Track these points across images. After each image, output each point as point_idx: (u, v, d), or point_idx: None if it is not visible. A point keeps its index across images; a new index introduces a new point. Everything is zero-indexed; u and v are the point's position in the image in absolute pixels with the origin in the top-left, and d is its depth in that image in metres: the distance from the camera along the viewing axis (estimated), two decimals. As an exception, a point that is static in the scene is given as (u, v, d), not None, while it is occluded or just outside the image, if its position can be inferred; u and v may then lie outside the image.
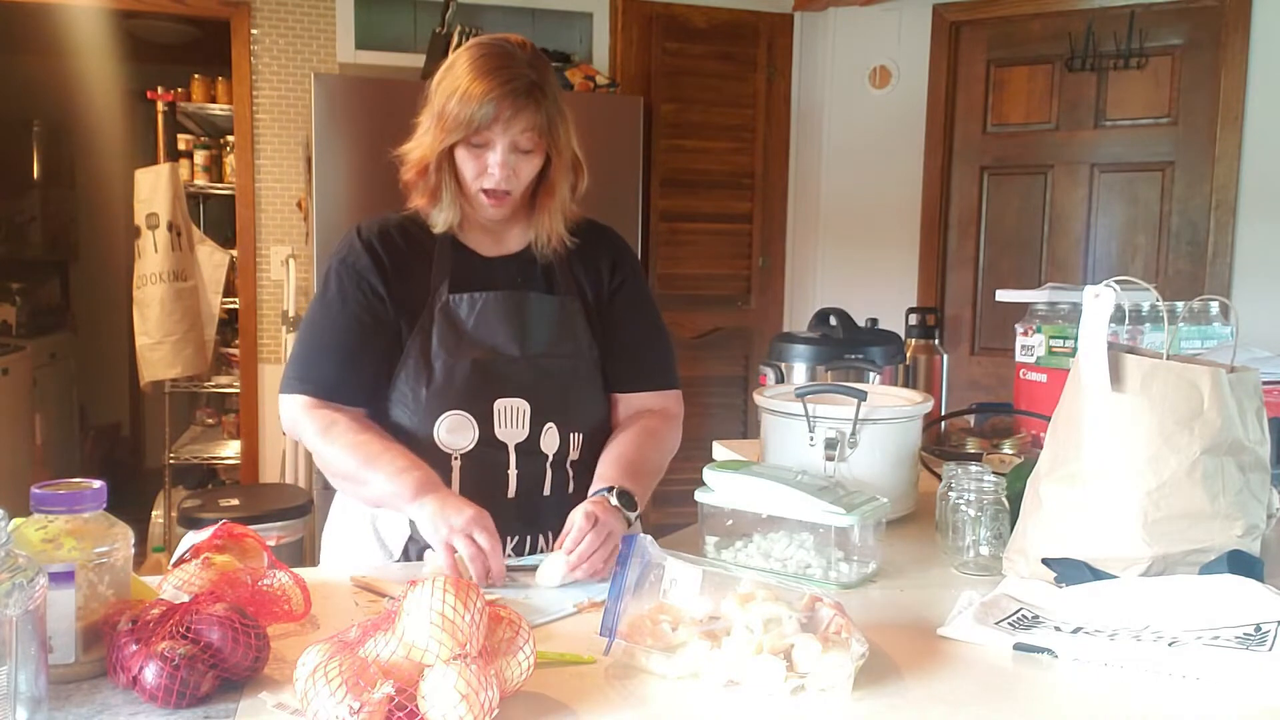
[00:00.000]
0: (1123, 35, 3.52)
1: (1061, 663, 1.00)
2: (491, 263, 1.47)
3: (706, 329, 3.98)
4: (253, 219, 3.78)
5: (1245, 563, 1.10)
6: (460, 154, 1.38)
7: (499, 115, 1.34)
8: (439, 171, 1.39)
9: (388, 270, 1.42)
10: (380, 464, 1.31)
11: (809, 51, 4.04)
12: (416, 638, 0.83)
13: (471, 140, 1.36)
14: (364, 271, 1.41)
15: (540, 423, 1.41)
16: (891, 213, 3.92)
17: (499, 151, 1.36)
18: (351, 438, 1.35)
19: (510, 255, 1.48)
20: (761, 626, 0.95)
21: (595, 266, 1.52)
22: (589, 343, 1.48)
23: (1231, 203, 3.42)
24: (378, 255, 1.42)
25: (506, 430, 1.40)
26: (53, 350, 4.95)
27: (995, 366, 3.67)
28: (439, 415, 1.38)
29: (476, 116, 1.33)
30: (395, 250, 1.43)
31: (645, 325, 1.55)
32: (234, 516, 2.33)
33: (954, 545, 1.32)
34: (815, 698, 0.91)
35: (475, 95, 1.33)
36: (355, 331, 1.40)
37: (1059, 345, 1.82)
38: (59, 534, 0.90)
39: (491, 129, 1.35)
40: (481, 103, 1.33)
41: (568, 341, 1.46)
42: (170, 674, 0.85)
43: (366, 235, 1.44)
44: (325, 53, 3.74)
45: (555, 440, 1.42)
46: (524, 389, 1.41)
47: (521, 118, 1.35)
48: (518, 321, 1.43)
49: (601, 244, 1.55)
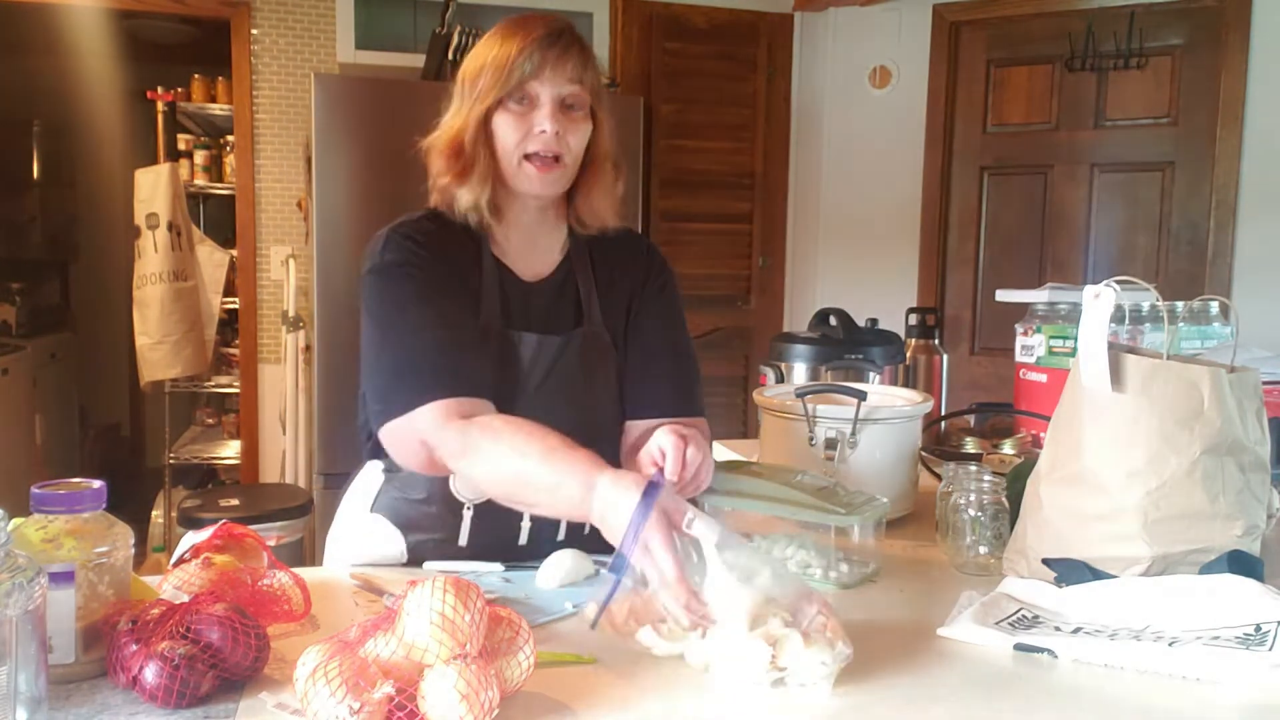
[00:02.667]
0: (1123, 35, 3.52)
1: (1061, 663, 1.00)
2: (531, 289, 1.33)
3: (706, 329, 3.98)
4: (253, 219, 3.78)
5: (1245, 563, 1.09)
6: (500, 120, 1.24)
7: (544, 61, 1.22)
8: (474, 144, 1.25)
9: (451, 272, 1.27)
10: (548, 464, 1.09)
11: (809, 51, 4.04)
12: (416, 638, 0.83)
13: (513, 99, 1.23)
14: (430, 269, 1.24)
15: None
16: (891, 213, 3.92)
17: (546, 105, 1.23)
18: (507, 440, 1.13)
19: (546, 279, 1.35)
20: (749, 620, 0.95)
21: (625, 286, 1.39)
22: (612, 383, 1.35)
23: (1231, 203, 3.42)
24: (436, 255, 1.26)
25: None
26: (53, 350, 4.95)
27: (995, 366, 3.67)
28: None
29: (519, 66, 1.21)
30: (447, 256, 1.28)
31: (671, 349, 1.39)
32: (234, 516, 2.33)
33: (954, 545, 1.32)
34: (795, 691, 0.92)
35: (515, 46, 1.22)
36: (451, 325, 1.22)
37: (1059, 345, 1.82)
38: (59, 534, 0.90)
39: (538, 78, 1.22)
40: (523, 50, 1.21)
41: (590, 385, 1.32)
42: (170, 674, 0.85)
43: (413, 235, 1.27)
44: (325, 53, 3.74)
45: None
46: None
47: (567, 64, 1.23)
48: (554, 362, 1.29)
49: (632, 258, 1.41)
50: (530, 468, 1.10)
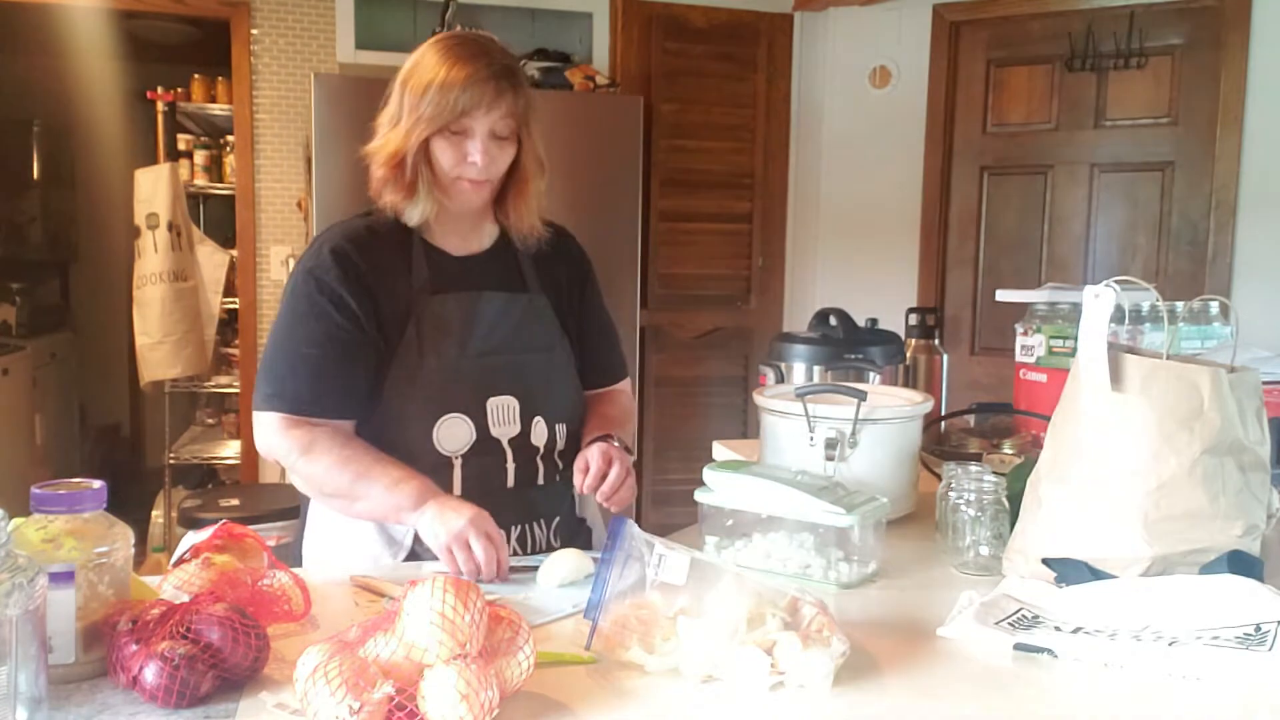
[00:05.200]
0: (1123, 35, 3.52)
1: (1061, 663, 1.00)
2: (464, 262, 1.47)
3: (706, 329, 3.98)
4: (253, 219, 3.78)
5: (1245, 563, 1.10)
6: (438, 144, 1.37)
7: (480, 100, 1.34)
8: (415, 164, 1.38)
9: (363, 278, 1.39)
10: (374, 477, 1.31)
11: (809, 51, 4.04)
12: (416, 638, 0.83)
13: (451, 129, 1.36)
14: (334, 282, 1.37)
15: (529, 417, 1.44)
16: (891, 213, 3.92)
17: (479, 139, 1.37)
18: (337, 453, 1.33)
19: (481, 254, 1.50)
20: (745, 623, 0.95)
21: (562, 268, 1.56)
22: (561, 340, 1.51)
23: (1231, 203, 3.42)
24: (350, 264, 1.38)
25: (500, 428, 1.42)
26: (53, 350, 4.95)
27: (995, 366, 3.67)
28: (436, 420, 1.38)
29: (459, 103, 1.33)
30: (369, 257, 1.40)
31: (604, 325, 1.62)
32: (234, 516, 2.33)
33: (954, 545, 1.32)
34: (794, 694, 0.92)
35: (456, 82, 1.34)
36: (329, 343, 1.36)
37: (1059, 345, 1.82)
38: (59, 534, 0.90)
39: (473, 115, 1.35)
40: (464, 88, 1.33)
41: (542, 338, 1.49)
42: (170, 674, 0.85)
43: (335, 244, 1.40)
44: (325, 53, 3.74)
45: (544, 433, 1.46)
46: (512, 386, 1.43)
47: (502, 103, 1.36)
48: (496, 320, 1.44)
49: (564, 245, 1.58)
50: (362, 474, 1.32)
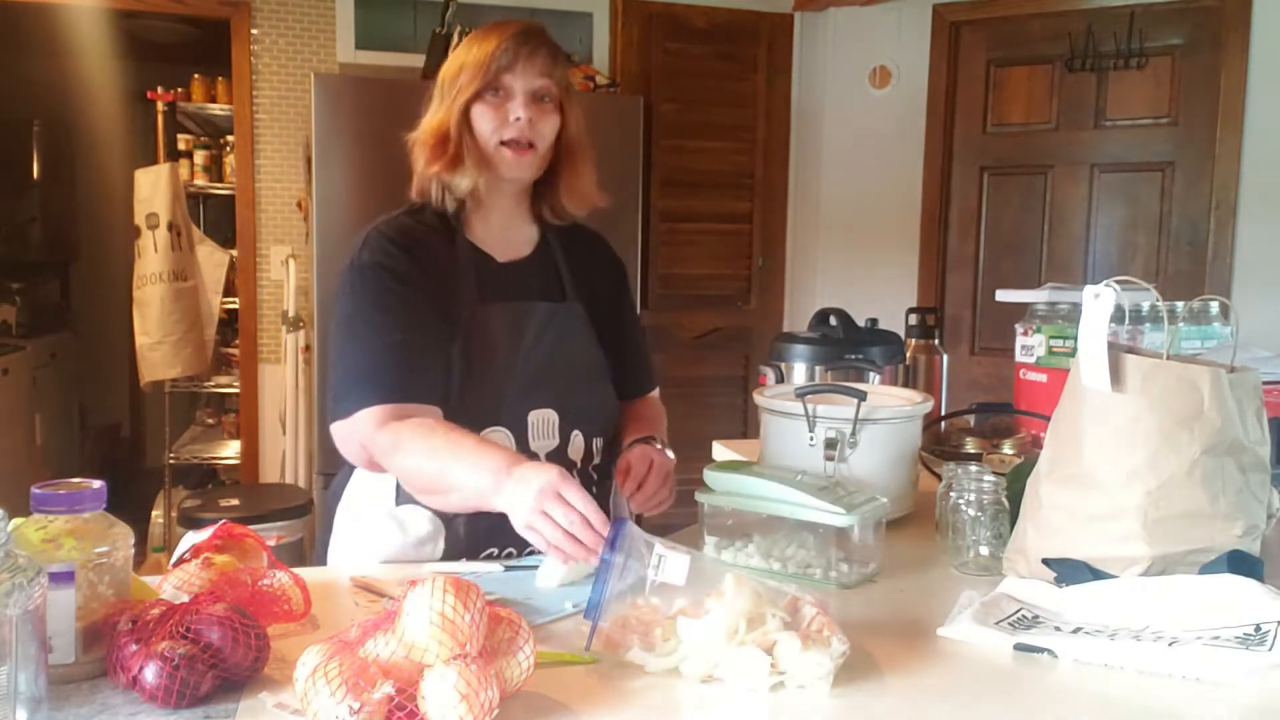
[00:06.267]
0: (1123, 35, 3.52)
1: (1061, 663, 1.00)
2: (508, 270, 1.44)
3: (706, 329, 3.98)
4: (253, 219, 3.78)
5: (1245, 563, 1.09)
6: (478, 111, 1.37)
7: (516, 56, 1.35)
8: (459, 133, 1.36)
9: (427, 270, 1.36)
10: (458, 461, 1.18)
11: (809, 51, 4.04)
12: (416, 638, 0.83)
13: (489, 91, 1.36)
14: (405, 270, 1.34)
15: (567, 431, 1.40)
16: (891, 213, 3.92)
17: (519, 97, 1.36)
18: (420, 443, 1.23)
19: (523, 260, 1.47)
20: (745, 624, 0.95)
21: (598, 275, 1.54)
22: (598, 351, 1.48)
23: (1231, 203, 3.42)
24: (416, 254, 1.36)
25: (539, 441, 1.38)
26: (53, 350, 4.95)
27: (995, 366, 3.67)
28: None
29: (494, 61, 1.34)
30: (426, 252, 1.37)
31: (637, 334, 1.61)
32: (234, 516, 2.33)
33: (954, 545, 1.32)
34: (794, 694, 0.92)
35: (490, 43, 1.35)
36: (413, 329, 1.31)
37: (1059, 345, 1.82)
38: (59, 534, 0.90)
39: (511, 72, 1.35)
40: (498, 46, 1.34)
41: (582, 348, 1.46)
42: (170, 674, 0.85)
43: (394, 237, 1.37)
44: (325, 53, 3.74)
45: (581, 446, 1.42)
46: (552, 399, 1.39)
47: (538, 60, 1.36)
48: (539, 331, 1.40)
49: (601, 252, 1.58)
50: (447, 464, 1.20)
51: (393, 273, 1.34)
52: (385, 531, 1.37)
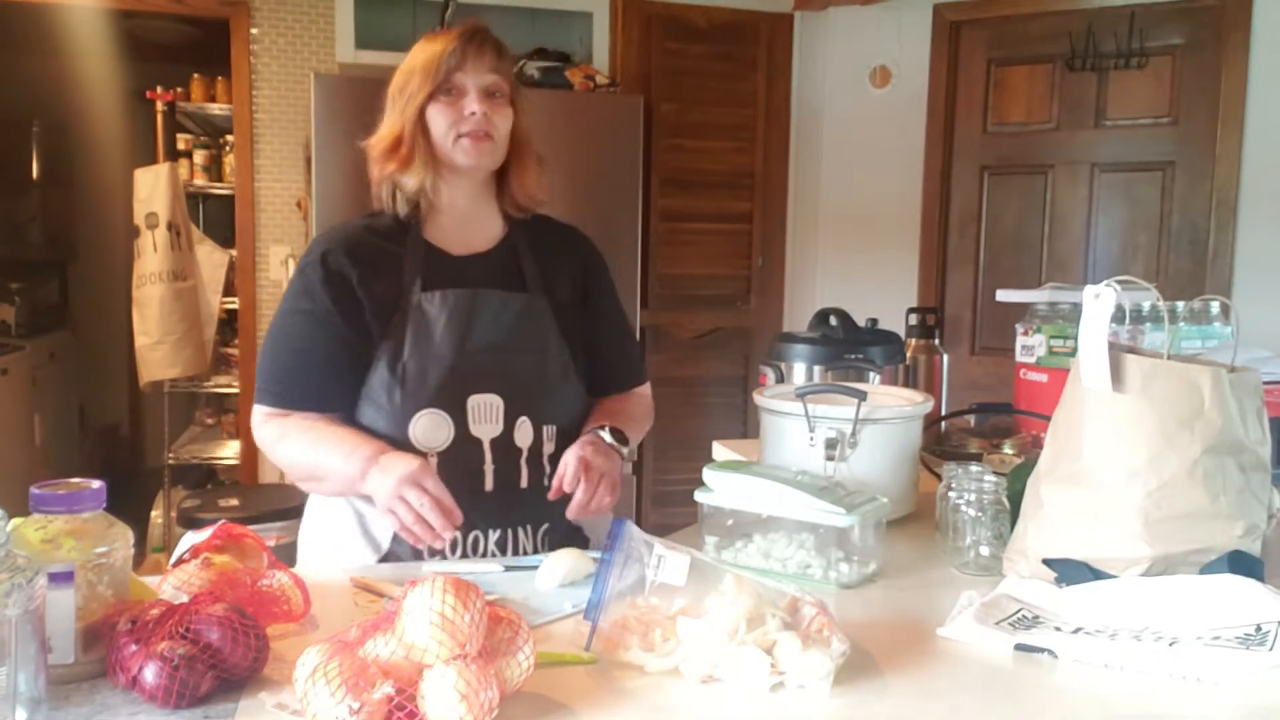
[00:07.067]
0: (1123, 35, 3.52)
1: (1062, 663, 1.00)
2: (461, 261, 1.47)
3: (706, 329, 3.98)
4: (252, 219, 3.78)
5: (1246, 563, 1.09)
6: (433, 111, 1.41)
7: (465, 55, 1.40)
8: (413, 136, 1.42)
9: (349, 279, 1.41)
10: (333, 451, 1.34)
11: (809, 51, 4.04)
12: (416, 638, 0.83)
13: (442, 91, 1.41)
14: (318, 283, 1.41)
15: (513, 417, 1.43)
16: (891, 213, 3.92)
17: (472, 92, 1.41)
18: (302, 435, 1.38)
19: (480, 254, 1.49)
20: (745, 624, 0.95)
21: (567, 269, 1.54)
22: (558, 341, 1.49)
23: (1232, 202, 3.42)
24: (338, 265, 1.41)
25: (481, 426, 1.41)
26: (52, 350, 4.95)
27: (995, 366, 3.67)
28: (414, 415, 1.38)
29: (444, 61, 1.39)
30: (361, 256, 1.43)
31: (618, 329, 1.61)
32: (233, 517, 2.33)
33: (954, 545, 1.32)
34: (794, 694, 0.92)
35: (437, 45, 1.41)
36: (306, 341, 1.41)
37: (1059, 345, 1.82)
38: (58, 534, 0.90)
39: (462, 70, 1.40)
40: (445, 47, 1.40)
41: (536, 339, 1.47)
42: (170, 674, 0.85)
43: (328, 246, 1.44)
44: (325, 52, 3.74)
45: (529, 434, 1.44)
46: (496, 385, 1.42)
47: (486, 56, 1.41)
48: (488, 318, 1.43)
49: (571, 246, 1.58)
50: (323, 454, 1.36)
51: (308, 284, 1.41)
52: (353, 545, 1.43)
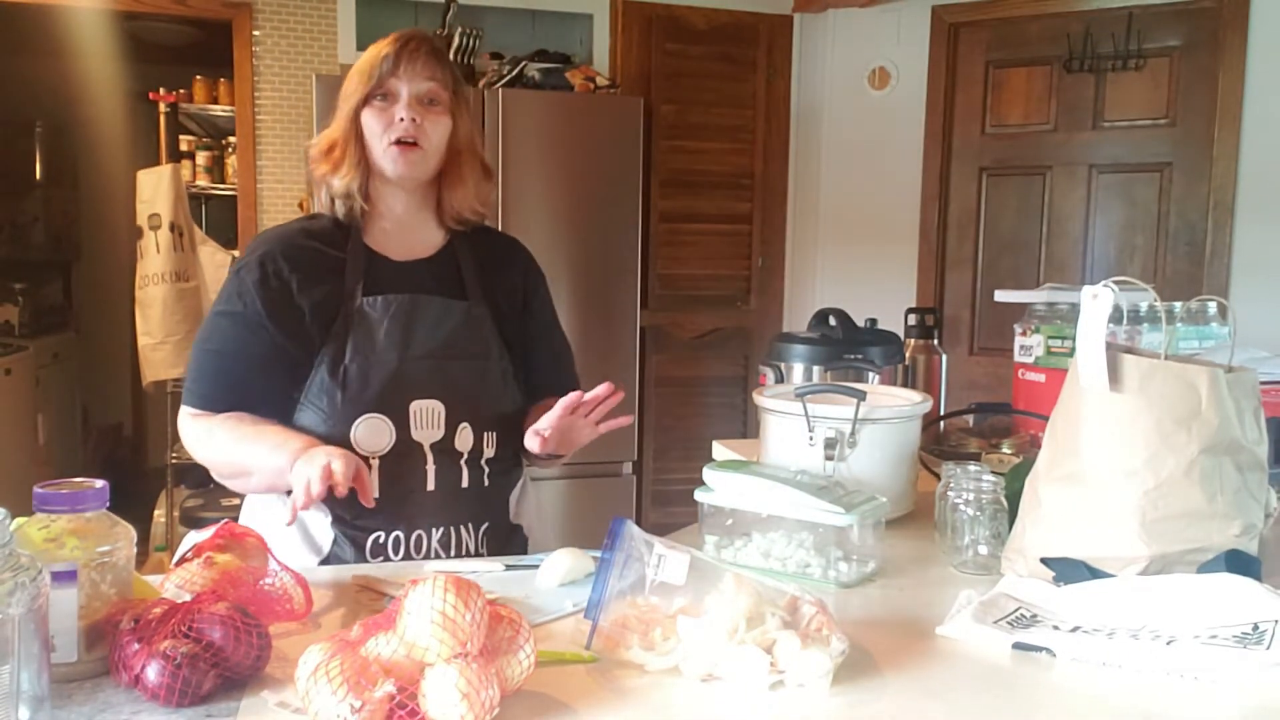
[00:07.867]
0: (1121, 36, 3.53)
1: (1060, 662, 1.00)
2: (403, 267, 1.48)
3: (706, 329, 3.98)
4: (254, 220, 3.79)
5: (1243, 562, 1.10)
6: (367, 116, 1.42)
7: (399, 61, 1.41)
8: (346, 140, 1.43)
9: (285, 282, 1.41)
10: (259, 444, 1.34)
11: (808, 53, 4.04)
12: (417, 637, 0.83)
13: (376, 96, 1.42)
14: (251, 286, 1.40)
15: (454, 423, 1.43)
16: (891, 213, 3.92)
17: (404, 99, 1.42)
18: (228, 433, 1.38)
19: (421, 260, 1.50)
20: (745, 623, 0.95)
21: (507, 279, 1.56)
22: (498, 348, 1.50)
23: (1229, 203, 3.43)
24: (273, 268, 1.41)
25: (422, 431, 1.42)
26: (55, 350, 4.96)
27: (994, 366, 3.68)
28: (355, 419, 1.39)
29: (378, 67, 1.40)
30: (297, 259, 1.43)
31: (557, 339, 1.63)
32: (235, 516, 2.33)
33: (953, 545, 1.32)
34: (794, 693, 0.92)
35: (377, 53, 1.42)
36: (231, 343, 1.41)
37: (1057, 345, 1.82)
38: (61, 533, 0.91)
39: (396, 75, 1.41)
40: (380, 52, 1.41)
41: (477, 346, 1.48)
42: (172, 673, 0.85)
43: (264, 248, 1.44)
44: (327, 54, 3.74)
45: (469, 439, 1.45)
46: (437, 390, 1.43)
47: (420, 63, 1.42)
48: (430, 324, 1.44)
49: (512, 256, 1.60)
50: (250, 449, 1.35)
51: (241, 286, 1.41)
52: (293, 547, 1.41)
